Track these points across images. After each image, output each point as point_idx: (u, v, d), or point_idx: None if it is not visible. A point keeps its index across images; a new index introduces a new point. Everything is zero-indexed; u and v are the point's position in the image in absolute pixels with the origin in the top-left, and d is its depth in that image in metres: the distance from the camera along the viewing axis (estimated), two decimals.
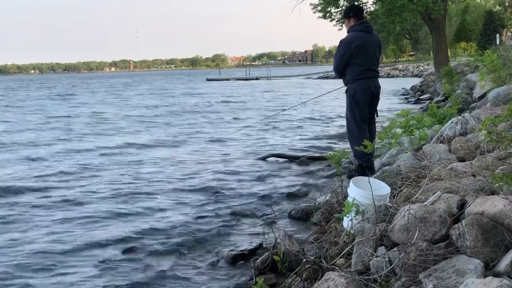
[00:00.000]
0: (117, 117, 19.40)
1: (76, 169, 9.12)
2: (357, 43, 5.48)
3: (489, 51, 12.13)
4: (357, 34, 5.56)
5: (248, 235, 5.21)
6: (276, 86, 44.18)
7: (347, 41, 5.54)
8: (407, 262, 2.76)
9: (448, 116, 7.42)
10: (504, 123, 4.65)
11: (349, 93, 5.60)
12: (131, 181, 7.95)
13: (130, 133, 14.44)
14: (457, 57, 33.88)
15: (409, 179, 4.29)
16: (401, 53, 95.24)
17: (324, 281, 2.77)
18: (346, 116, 5.82)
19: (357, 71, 5.54)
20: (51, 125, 17.04)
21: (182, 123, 16.96)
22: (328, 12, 23.19)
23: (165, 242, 5.08)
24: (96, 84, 67.69)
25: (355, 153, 5.58)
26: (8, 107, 26.88)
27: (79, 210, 6.33)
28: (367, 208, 3.62)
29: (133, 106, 25.70)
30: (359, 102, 5.57)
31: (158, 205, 6.45)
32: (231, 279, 4.15)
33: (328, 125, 15.22)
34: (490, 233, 2.74)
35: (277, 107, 21.17)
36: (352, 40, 5.52)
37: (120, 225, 5.71)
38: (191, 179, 8.02)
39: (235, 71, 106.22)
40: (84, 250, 4.96)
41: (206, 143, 12.09)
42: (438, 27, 22.90)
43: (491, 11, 46.03)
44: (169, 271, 4.40)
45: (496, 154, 4.05)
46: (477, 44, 38.83)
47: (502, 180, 3.04)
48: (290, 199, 6.50)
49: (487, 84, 8.91)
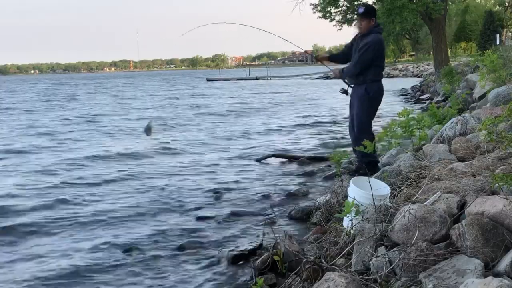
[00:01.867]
0: (115, 121, 19.34)
1: (77, 168, 9.12)
2: (382, 46, 5.87)
3: (489, 51, 12.13)
4: (381, 37, 5.89)
5: (248, 235, 5.21)
6: (276, 85, 44.20)
7: (376, 44, 5.79)
8: (407, 262, 2.76)
9: (448, 116, 7.43)
10: (504, 123, 4.64)
11: (367, 93, 5.81)
12: (131, 181, 7.95)
13: (130, 136, 14.44)
14: (457, 57, 33.90)
15: (409, 179, 4.29)
16: (401, 53, 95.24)
17: (324, 281, 2.77)
18: (357, 117, 5.89)
19: (377, 72, 5.87)
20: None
21: (182, 124, 16.95)
22: (328, 12, 23.17)
23: (165, 242, 5.08)
24: (95, 85, 67.62)
25: (367, 153, 5.64)
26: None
27: (80, 210, 6.33)
28: (367, 208, 3.62)
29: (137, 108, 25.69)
30: (375, 102, 5.88)
31: (158, 205, 6.44)
32: (231, 279, 4.15)
33: (327, 125, 15.22)
34: (490, 233, 2.74)
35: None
36: (380, 43, 5.85)
37: (120, 225, 5.70)
38: (191, 179, 8.02)
39: (235, 71, 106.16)
40: (85, 250, 4.96)
41: (206, 143, 12.08)
42: (438, 27, 22.90)
43: (491, 11, 46.06)
44: (169, 271, 4.40)
45: (496, 154, 4.05)
46: (477, 44, 38.84)
47: (502, 180, 3.04)
48: (290, 199, 6.49)
49: (487, 84, 8.91)
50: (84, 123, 17.56)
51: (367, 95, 5.82)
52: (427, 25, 24.05)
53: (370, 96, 5.84)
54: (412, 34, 75.16)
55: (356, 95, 5.97)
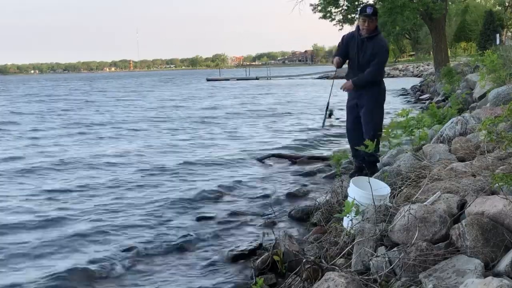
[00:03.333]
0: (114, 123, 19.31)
1: (77, 170, 9.12)
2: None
3: (489, 51, 12.13)
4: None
5: (248, 235, 5.21)
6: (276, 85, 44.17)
7: (388, 45, 6.02)
8: (407, 262, 2.76)
9: (448, 116, 7.42)
10: (504, 123, 4.64)
11: (379, 94, 5.86)
12: (131, 181, 7.94)
13: (129, 138, 14.45)
14: (457, 57, 33.89)
15: (409, 179, 4.29)
16: (401, 53, 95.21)
17: (324, 281, 2.77)
18: (372, 117, 5.77)
19: (383, 73, 6.03)
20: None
21: (180, 126, 16.95)
22: (328, 12, 23.14)
23: (165, 242, 5.08)
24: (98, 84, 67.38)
25: (376, 151, 5.63)
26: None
27: (80, 211, 6.33)
28: (367, 208, 3.62)
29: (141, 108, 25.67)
30: (384, 102, 5.98)
31: (158, 206, 6.44)
32: (231, 279, 4.15)
33: (328, 125, 15.20)
34: (490, 233, 2.74)
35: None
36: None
37: (120, 226, 5.70)
38: (190, 179, 8.02)
39: (235, 71, 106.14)
40: (85, 250, 4.96)
41: (205, 144, 12.08)
42: (438, 27, 22.90)
43: (491, 11, 46.05)
44: (169, 271, 4.40)
45: (496, 154, 4.05)
46: (477, 44, 38.85)
47: (502, 180, 3.04)
48: (290, 199, 6.49)
49: (487, 84, 8.91)
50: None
51: (379, 96, 5.82)
52: (427, 25, 24.05)
53: (382, 96, 5.88)
54: (412, 34, 75.11)
55: (367, 97, 5.76)
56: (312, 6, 23.54)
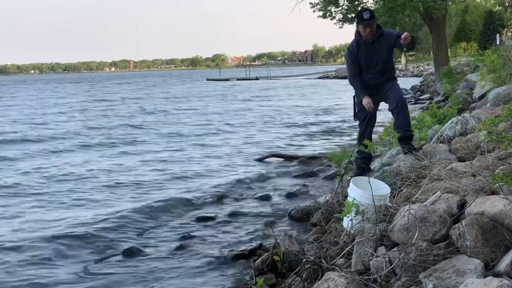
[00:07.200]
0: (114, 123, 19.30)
1: (78, 170, 9.13)
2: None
3: (489, 51, 12.12)
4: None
5: (248, 235, 5.21)
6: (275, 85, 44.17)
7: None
8: (407, 262, 2.76)
9: (448, 116, 7.42)
10: (504, 123, 4.63)
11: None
12: (131, 181, 7.95)
13: (130, 139, 14.45)
14: (457, 57, 33.88)
15: (409, 179, 4.29)
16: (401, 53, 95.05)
17: (324, 281, 2.76)
18: (398, 88, 5.68)
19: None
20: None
21: (180, 126, 16.95)
22: (328, 11, 23.12)
23: (165, 242, 5.09)
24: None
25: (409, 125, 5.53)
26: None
27: (80, 211, 6.33)
28: (367, 208, 3.61)
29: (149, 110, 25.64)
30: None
31: (158, 206, 6.44)
32: (231, 279, 4.15)
33: (328, 125, 15.22)
34: (490, 233, 2.74)
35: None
36: None
37: (120, 226, 5.70)
38: (190, 179, 8.02)
39: (235, 71, 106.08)
40: (85, 251, 4.96)
41: (205, 144, 12.09)
42: (438, 27, 22.88)
43: (491, 11, 46.00)
44: (169, 271, 4.40)
45: (496, 154, 4.05)
46: (478, 44, 38.82)
47: (502, 180, 3.03)
48: (290, 199, 6.50)
49: (487, 84, 8.90)
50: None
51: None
52: (427, 25, 24.03)
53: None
54: (412, 34, 75.09)
55: (390, 86, 5.68)
56: (312, 5, 23.52)
